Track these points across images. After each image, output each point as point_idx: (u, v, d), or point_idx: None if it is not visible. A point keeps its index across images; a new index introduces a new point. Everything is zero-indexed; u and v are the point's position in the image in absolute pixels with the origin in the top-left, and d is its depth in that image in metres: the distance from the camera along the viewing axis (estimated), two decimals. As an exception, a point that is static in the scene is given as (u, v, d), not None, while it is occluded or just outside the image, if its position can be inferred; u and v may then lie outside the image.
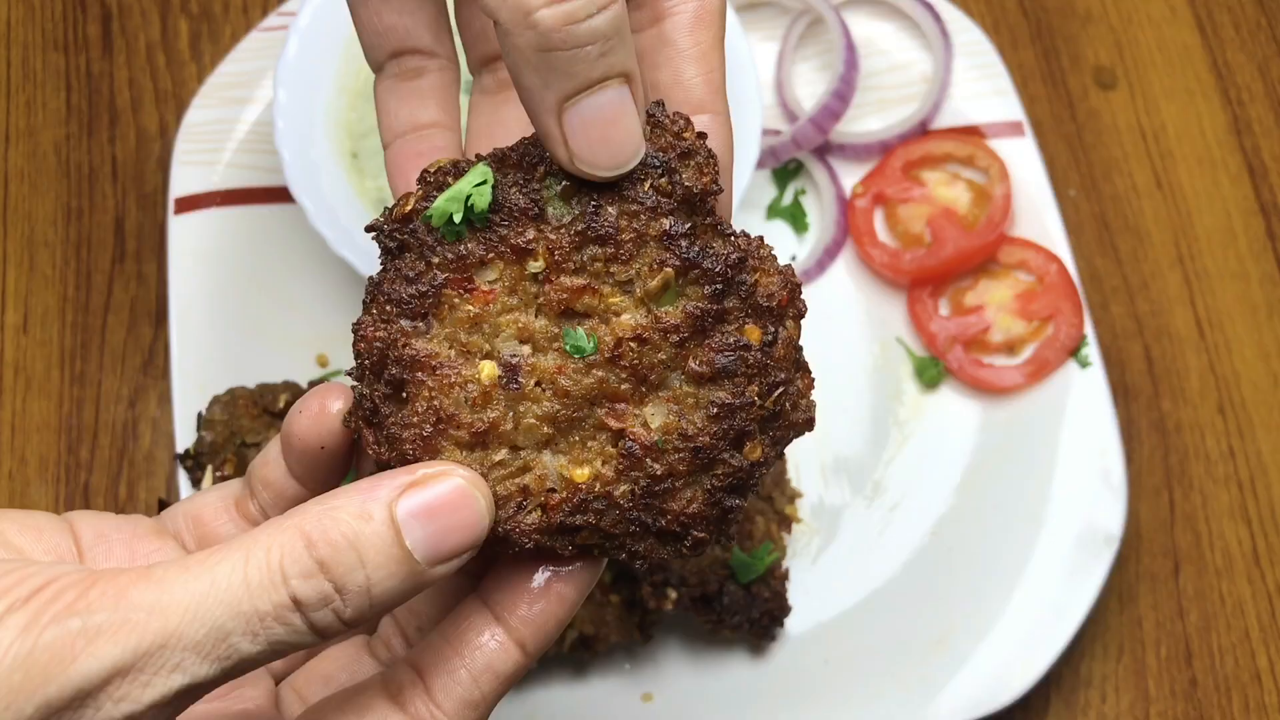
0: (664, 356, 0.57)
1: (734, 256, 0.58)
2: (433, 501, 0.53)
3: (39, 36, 1.32)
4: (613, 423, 0.57)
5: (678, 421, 0.57)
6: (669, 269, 0.57)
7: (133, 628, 0.47)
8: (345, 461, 0.64)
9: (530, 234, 0.57)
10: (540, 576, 0.59)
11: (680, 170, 0.58)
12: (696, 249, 0.57)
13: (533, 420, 0.57)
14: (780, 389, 0.59)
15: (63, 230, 1.25)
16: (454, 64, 0.70)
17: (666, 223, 0.57)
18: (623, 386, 0.57)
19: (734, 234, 0.59)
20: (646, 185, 0.57)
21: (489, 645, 0.58)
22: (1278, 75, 1.34)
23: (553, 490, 0.58)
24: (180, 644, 0.48)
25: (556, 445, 0.58)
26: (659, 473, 0.57)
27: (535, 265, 0.57)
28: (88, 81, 1.30)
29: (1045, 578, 1.10)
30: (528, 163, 0.58)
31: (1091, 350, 1.15)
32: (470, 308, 0.57)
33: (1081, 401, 1.14)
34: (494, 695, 0.58)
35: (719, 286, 0.57)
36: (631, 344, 0.57)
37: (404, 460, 0.57)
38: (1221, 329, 1.24)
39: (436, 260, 0.58)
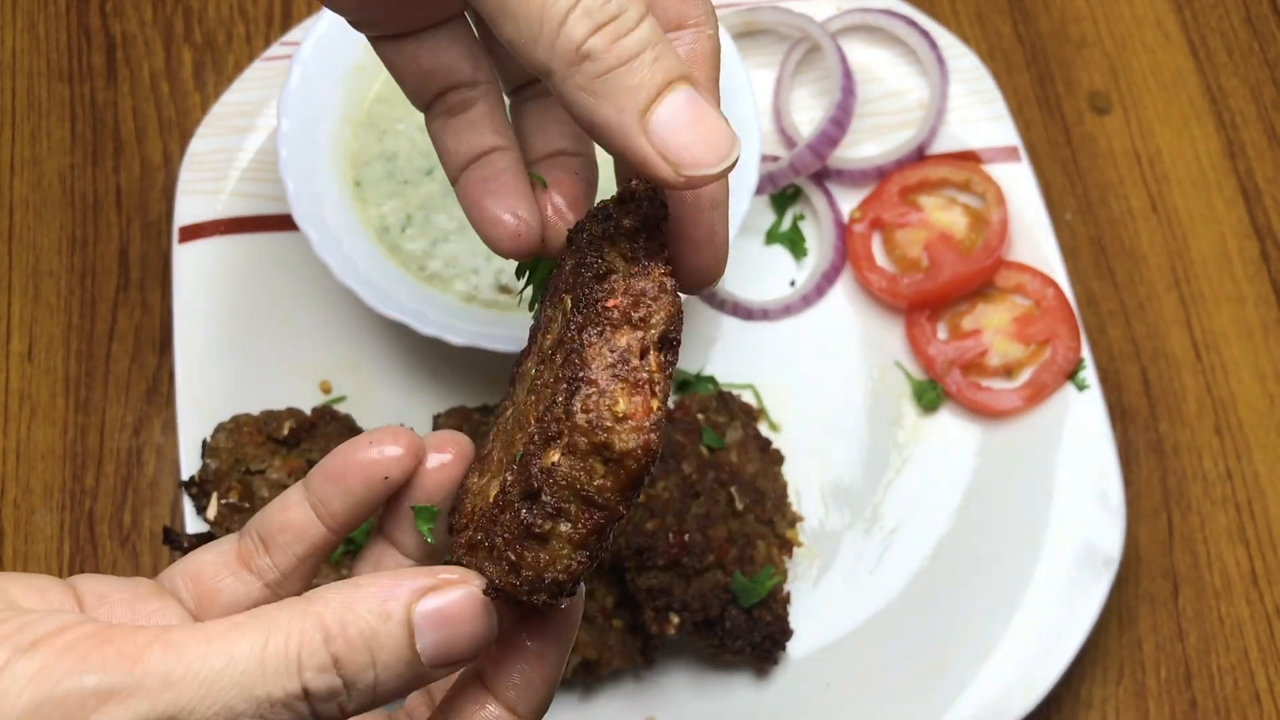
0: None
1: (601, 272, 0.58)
2: (447, 608, 0.54)
3: (44, 66, 1.33)
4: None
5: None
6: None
7: (146, 694, 0.48)
8: (377, 507, 0.66)
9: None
10: (524, 642, 0.60)
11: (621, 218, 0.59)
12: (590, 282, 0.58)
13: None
14: (569, 387, 0.55)
15: (67, 259, 1.26)
16: (495, 83, 0.71)
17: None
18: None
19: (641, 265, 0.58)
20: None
21: (485, 717, 0.60)
22: (1271, 99, 1.35)
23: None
24: (190, 718, 0.49)
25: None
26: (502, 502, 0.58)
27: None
28: (92, 111, 1.32)
29: (1045, 600, 1.10)
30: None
31: (1089, 373, 1.16)
32: None
33: (1079, 424, 1.15)
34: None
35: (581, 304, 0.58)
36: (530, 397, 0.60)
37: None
38: (1218, 351, 1.24)
39: None
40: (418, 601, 0.54)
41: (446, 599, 0.54)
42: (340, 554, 1.03)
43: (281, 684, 0.50)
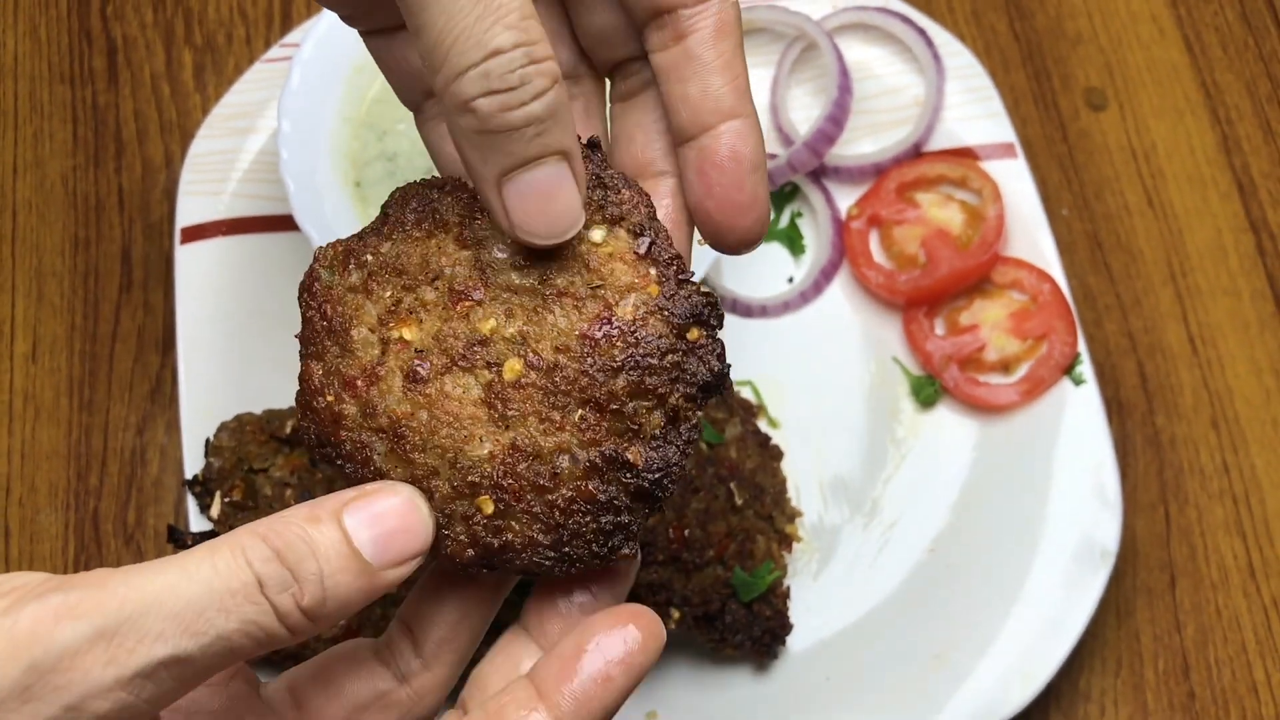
0: None
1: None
2: (377, 509, 0.57)
3: (45, 69, 1.34)
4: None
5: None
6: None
7: (114, 599, 0.50)
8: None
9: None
10: (591, 658, 0.59)
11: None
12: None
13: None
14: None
15: (70, 260, 1.27)
16: None
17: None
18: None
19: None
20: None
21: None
22: (1265, 93, 1.36)
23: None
24: (160, 613, 0.50)
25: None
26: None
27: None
28: (94, 113, 1.33)
29: (1043, 593, 1.11)
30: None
31: (1085, 368, 1.17)
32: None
33: (1076, 418, 1.16)
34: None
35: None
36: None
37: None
38: (1214, 345, 1.25)
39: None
40: (344, 508, 0.56)
41: (376, 503, 0.57)
42: None
43: (237, 576, 0.52)
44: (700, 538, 1.06)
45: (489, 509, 0.60)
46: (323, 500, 0.57)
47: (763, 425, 1.19)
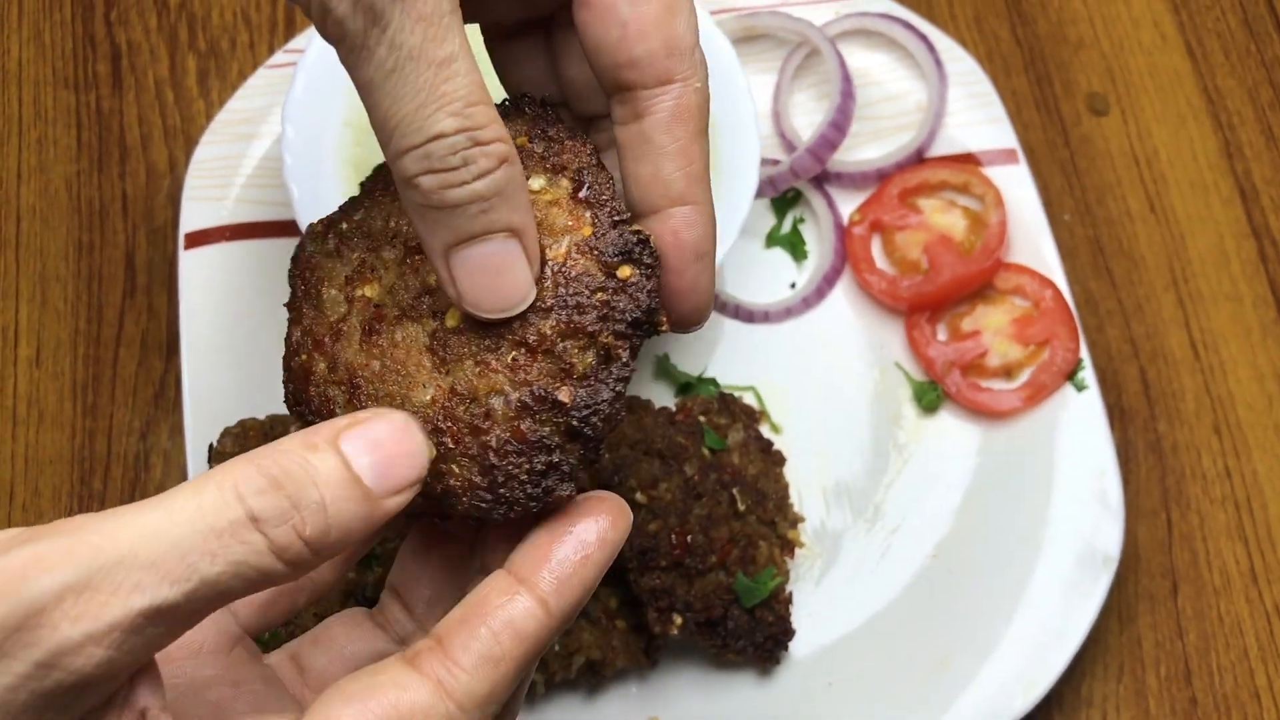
0: None
1: None
2: (373, 434, 0.55)
3: (49, 74, 1.35)
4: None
5: None
6: None
7: (87, 548, 0.47)
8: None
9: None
10: (566, 541, 0.59)
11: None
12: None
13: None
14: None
15: (74, 265, 1.27)
16: None
17: None
18: None
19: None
20: None
21: (509, 604, 0.57)
22: (1268, 100, 1.36)
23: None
24: (137, 562, 0.47)
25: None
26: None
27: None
28: (98, 118, 1.33)
29: (1045, 599, 1.11)
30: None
31: (1088, 373, 1.17)
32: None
33: (1078, 424, 1.16)
34: (516, 654, 0.56)
35: None
36: None
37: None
38: (1216, 351, 1.25)
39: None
40: (340, 434, 0.54)
41: (372, 428, 0.55)
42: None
43: (224, 514, 0.49)
44: (703, 543, 1.06)
45: (431, 452, 0.60)
46: (317, 428, 0.54)
47: (765, 431, 1.19)
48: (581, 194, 0.61)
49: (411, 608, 0.68)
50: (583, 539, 0.59)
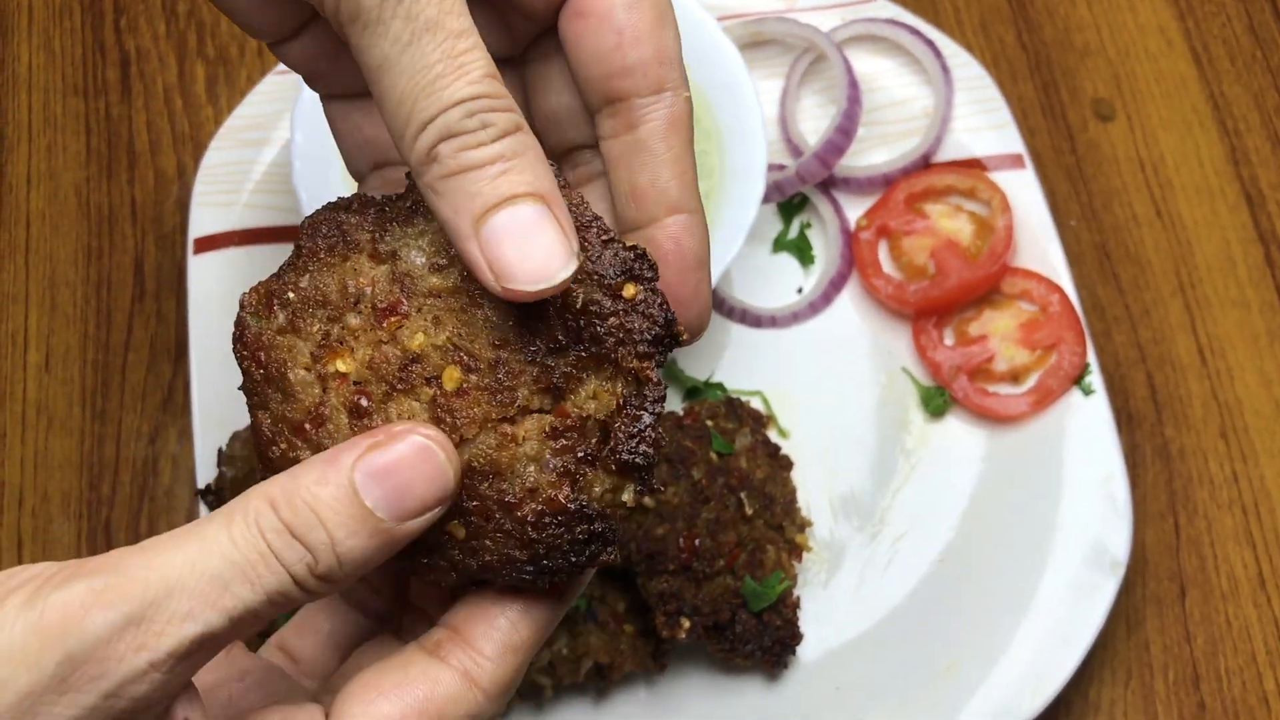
0: None
1: None
2: (390, 460, 0.54)
3: (59, 81, 1.35)
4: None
5: None
6: None
7: (138, 583, 0.50)
8: None
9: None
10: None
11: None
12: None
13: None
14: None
15: (83, 270, 1.27)
16: None
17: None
18: None
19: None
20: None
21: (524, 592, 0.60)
22: (1274, 105, 1.36)
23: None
24: (186, 593, 0.50)
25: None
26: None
27: None
28: (107, 125, 1.33)
29: (1053, 604, 1.11)
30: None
31: (1095, 378, 1.17)
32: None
33: (1085, 428, 1.16)
34: (533, 641, 0.60)
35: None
36: None
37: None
38: (1223, 356, 1.25)
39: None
40: (359, 460, 0.54)
41: (391, 452, 0.54)
42: None
43: (253, 547, 0.52)
44: (710, 547, 1.06)
45: (460, 533, 0.58)
46: (336, 454, 0.54)
47: (772, 435, 1.19)
48: None
49: (379, 586, 0.69)
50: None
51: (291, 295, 0.60)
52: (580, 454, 0.57)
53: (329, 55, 0.67)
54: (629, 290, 0.58)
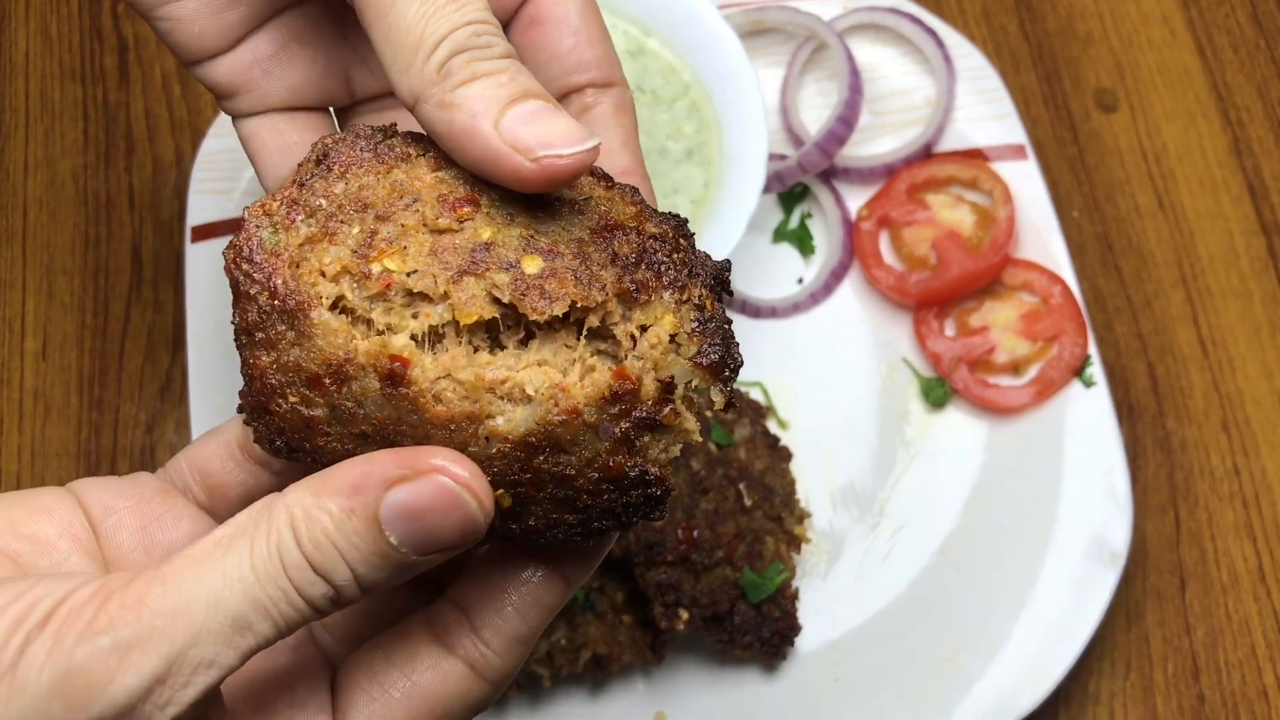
0: None
1: None
2: (416, 503, 0.52)
3: (57, 68, 1.35)
4: None
5: None
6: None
7: (162, 635, 0.50)
8: None
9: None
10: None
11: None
12: None
13: None
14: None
15: (81, 258, 1.27)
16: None
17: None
18: None
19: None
20: None
21: (534, 580, 0.61)
22: (1277, 96, 1.35)
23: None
24: (209, 640, 0.51)
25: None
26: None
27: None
28: (105, 112, 1.33)
29: (1053, 595, 1.11)
30: None
31: (1096, 369, 1.17)
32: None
33: (1086, 420, 1.16)
34: (540, 628, 0.62)
35: None
36: None
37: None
38: (1225, 348, 1.25)
39: None
40: (386, 494, 0.52)
41: (414, 492, 0.52)
42: None
43: (275, 582, 0.52)
44: (709, 539, 1.06)
45: (507, 503, 0.56)
46: (366, 480, 0.52)
47: (772, 426, 1.19)
48: (605, 183, 0.62)
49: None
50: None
51: (323, 202, 0.55)
52: (638, 415, 0.55)
53: (263, 61, 0.71)
54: (683, 242, 0.60)
